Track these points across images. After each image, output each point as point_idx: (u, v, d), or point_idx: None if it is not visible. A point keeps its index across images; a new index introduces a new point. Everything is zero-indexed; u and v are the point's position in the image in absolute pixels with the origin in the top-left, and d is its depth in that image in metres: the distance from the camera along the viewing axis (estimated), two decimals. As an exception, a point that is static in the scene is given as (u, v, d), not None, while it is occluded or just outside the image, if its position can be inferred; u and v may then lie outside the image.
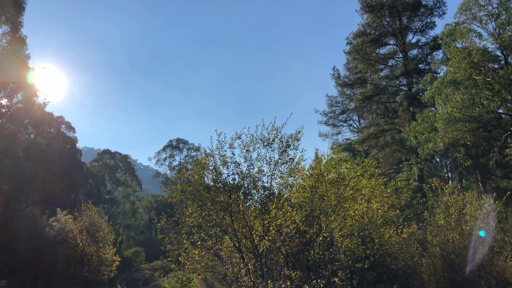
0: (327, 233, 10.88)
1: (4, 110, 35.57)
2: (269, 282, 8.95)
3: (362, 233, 12.65)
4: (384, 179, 18.54)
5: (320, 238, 10.77)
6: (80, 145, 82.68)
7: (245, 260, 14.45)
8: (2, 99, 35.69)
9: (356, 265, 11.35)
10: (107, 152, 78.66)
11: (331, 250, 10.45)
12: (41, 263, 26.97)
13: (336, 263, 10.01)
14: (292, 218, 11.45)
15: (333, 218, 11.49)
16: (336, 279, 9.36)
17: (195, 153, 79.46)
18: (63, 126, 67.67)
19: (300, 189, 12.67)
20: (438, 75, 33.23)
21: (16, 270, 26.97)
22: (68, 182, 59.13)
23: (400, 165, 42.55)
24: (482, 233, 12.72)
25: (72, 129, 68.75)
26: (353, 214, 11.89)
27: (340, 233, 11.47)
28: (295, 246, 12.11)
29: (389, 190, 16.81)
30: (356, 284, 10.12)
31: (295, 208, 12.29)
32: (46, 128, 39.63)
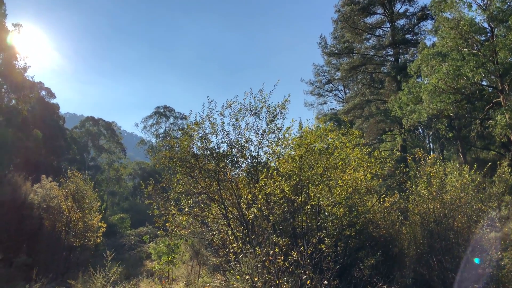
0: (315, 202, 11.12)
1: (-18, 74, 34.55)
2: (257, 248, 9.18)
3: (350, 202, 12.95)
4: (369, 149, 18.83)
5: (308, 207, 11.01)
6: (62, 111, 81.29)
7: (232, 227, 14.73)
8: (-20, 62, 34.60)
9: (342, 233, 11.68)
10: (90, 119, 77.55)
11: (319, 218, 10.71)
12: (25, 228, 26.95)
13: (323, 231, 10.28)
14: (281, 187, 11.63)
15: (320, 187, 11.71)
16: (323, 246, 9.63)
17: (181, 121, 78.97)
18: (44, 92, 66.33)
19: (289, 158, 12.81)
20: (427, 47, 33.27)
21: (0, 236, 26.94)
22: (51, 148, 58.50)
23: (384, 136, 43.15)
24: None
25: (52, 95, 67.43)
26: (340, 183, 12.12)
27: (327, 202, 11.73)
28: (283, 214, 12.37)
29: (373, 160, 17.07)
30: (340, 251, 10.44)
31: (284, 178, 12.46)
32: (27, 93, 38.66)
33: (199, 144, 16.53)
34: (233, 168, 16.76)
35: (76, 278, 16.12)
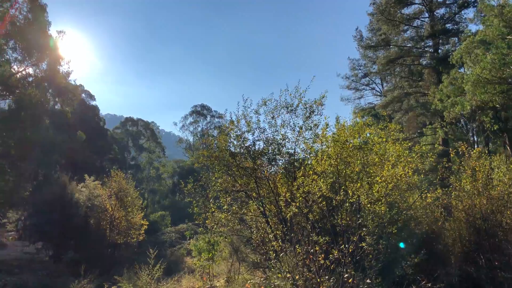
0: (354, 199, 10.95)
1: (30, 79, 36.23)
2: (297, 246, 9.16)
3: (390, 199, 12.66)
4: (409, 144, 18.32)
5: (347, 205, 10.86)
6: (102, 112, 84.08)
7: (270, 225, 14.78)
8: (28, 68, 36.30)
9: (384, 231, 11.44)
10: (130, 119, 79.82)
11: (358, 216, 10.55)
12: (72, 226, 28.18)
13: (364, 229, 10.12)
14: (319, 186, 11.53)
15: (359, 184, 11.51)
16: (364, 244, 9.49)
17: (218, 119, 79.90)
18: (84, 95, 68.86)
19: (325, 156, 12.66)
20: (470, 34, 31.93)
21: (49, 233, 28.28)
22: (93, 148, 60.66)
23: (424, 129, 41.84)
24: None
25: (92, 97, 69.92)
26: (379, 180, 11.86)
27: (367, 200, 11.52)
28: (322, 212, 12.27)
29: (413, 155, 16.61)
30: (382, 249, 10.23)
31: (321, 176, 12.34)
32: (71, 96, 40.25)
33: (235, 143, 16.69)
34: (270, 166, 16.79)
35: (121, 274, 16.68)
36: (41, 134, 37.78)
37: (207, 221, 16.34)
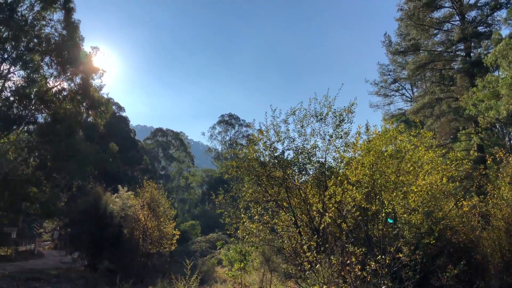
0: (390, 209, 10.74)
1: (65, 93, 37.50)
2: (332, 257, 9.06)
3: (427, 208, 12.35)
4: (443, 151, 17.88)
5: (383, 215, 10.66)
6: (133, 123, 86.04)
7: (302, 235, 14.67)
8: (63, 83, 37.60)
9: (421, 241, 11.16)
10: (159, 130, 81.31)
11: (395, 226, 10.33)
12: (106, 236, 28.81)
13: (401, 239, 9.90)
14: (352, 196, 11.37)
15: (394, 194, 11.29)
16: (401, 255, 9.29)
17: (245, 128, 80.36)
18: (115, 106, 70.68)
19: (359, 166, 12.48)
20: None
21: (84, 243, 29.01)
22: (124, 159, 62.09)
23: (458, 135, 40.70)
24: None
25: (122, 108, 71.73)
26: (415, 189, 11.58)
27: (402, 210, 11.27)
28: (356, 223, 12.09)
29: (448, 162, 16.18)
30: (419, 259, 9.97)
31: (355, 186, 12.17)
32: (103, 109, 41.38)
33: (265, 153, 16.70)
34: (300, 175, 16.71)
35: (155, 283, 16.90)
36: (75, 146, 38.98)
37: (238, 231, 16.37)
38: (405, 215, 11.22)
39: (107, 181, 41.81)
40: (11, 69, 33.67)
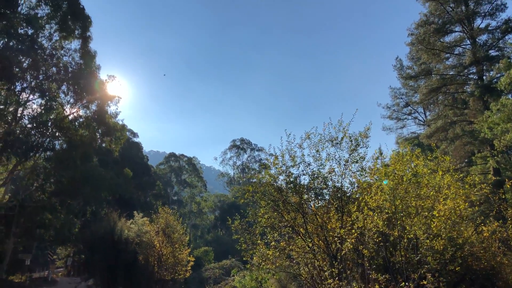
0: (412, 235, 10.59)
1: (81, 120, 38.18)
2: (354, 284, 8.93)
3: (450, 234, 12.16)
4: (461, 175, 17.68)
5: (405, 240, 10.50)
6: (146, 149, 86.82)
7: (320, 261, 14.48)
8: (79, 110, 38.33)
9: (446, 268, 10.94)
10: (172, 155, 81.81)
11: (418, 252, 10.16)
12: (121, 262, 28.73)
13: (425, 266, 9.73)
14: (374, 222, 11.25)
15: (416, 219, 11.15)
16: (425, 282, 9.12)
17: (258, 153, 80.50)
18: (129, 132, 71.54)
19: (378, 191, 12.38)
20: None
21: (98, 269, 28.97)
22: (138, 184, 62.39)
23: (473, 158, 40.23)
24: None
25: (135, 134, 72.59)
26: (437, 214, 11.43)
27: (424, 235, 11.10)
28: (378, 248, 11.93)
29: (467, 186, 15.99)
30: (443, 286, 9.76)
31: (375, 211, 12.06)
32: (118, 135, 41.96)
33: (281, 177, 16.71)
34: (317, 200, 16.63)
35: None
36: (90, 172, 39.40)
37: (254, 258, 16.23)
38: (427, 241, 11.03)
39: (121, 207, 41.95)
40: (29, 97, 34.51)
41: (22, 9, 33.35)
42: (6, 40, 31.38)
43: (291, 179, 16.30)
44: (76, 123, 38.48)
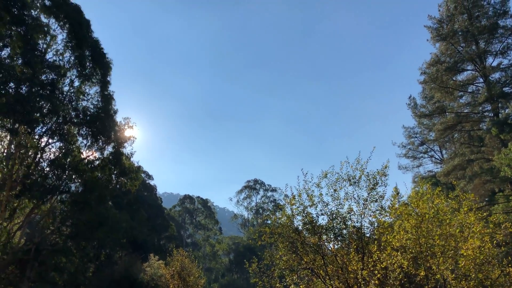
0: (438, 276, 10.19)
1: (97, 163, 38.59)
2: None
3: (480, 275, 11.66)
4: (484, 214, 17.18)
5: (432, 281, 10.10)
6: (160, 191, 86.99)
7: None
8: (96, 152, 38.84)
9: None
10: (187, 197, 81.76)
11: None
12: (135, 307, 28.17)
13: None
14: (399, 262, 10.88)
15: (442, 259, 10.76)
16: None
17: (271, 193, 79.97)
18: (143, 174, 71.98)
19: (401, 230, 12.07)
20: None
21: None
22: (152, 227, 61.98)
23: (496, 197, 39.28)
24: None
25: (150, 176, 72.98)
26: (465, 253, 11.02)
27: (452, 275, 10.66)
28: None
29: (491, 226, 15.51)
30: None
31: (399, 251, 11.70)
32: (133, 177, 42.21)
33: (298, 218, 16.45)
34: (336, 241, 16.25)
35: None
36: (105, 215, 39.34)
37: (274, 302, 15.74)
38: (454, 281, 10.57)
39: (135, 249, 41.50)
40: (48, 141, 35.19)
41: (48, 55, 34.71)
42: (29, 87, 32.48)
43: (309, 220, 16.03)
44: (92, 165, 38.89)
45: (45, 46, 33.23)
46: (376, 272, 11.53)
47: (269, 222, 17.23)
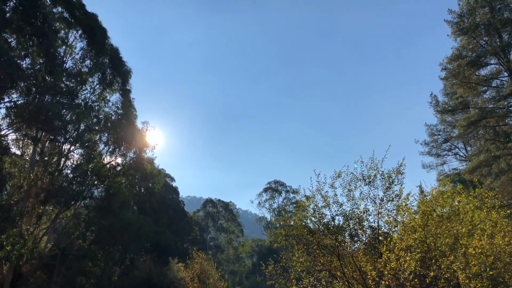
0: (449, 274, 9.87)
1: (119, 168, 39.26)
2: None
3: (492, 272, 11.21)
4: (508, 211, 16.61)
5: (442, 281, 9.78)
6: (183, 194, 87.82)
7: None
8: (118, 158, 39.51)
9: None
10: (209, 201, 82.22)
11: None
12: (157, 310, 28.44)
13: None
14: (408, 262, 10.60)
15: (452, 258, 10.42)
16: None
17: (293, 195, 79.57)
18: (167, 178, 72.76)
19: (408, 230, 11.77)
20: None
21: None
22: (175, 231, 62.54)
23: (523, 194, 37.98)
24: None
25: (173, 179, 73.67)
26: (473, 252, 10.63)
27: (464, 275, 10.30)
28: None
29: (514, 223, 14.96)
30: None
31: (408, 250, 11.40)
32: (155, 181, 42.76)
33: (313, 219, 16.25)
34: (352, 242, 16.00)
35: None
36: (129, 220, 39.94)
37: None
38: (467, 281, 10.20)
39: (158, 253, 41.93)
40: (71, 148, 35.99)
41: (67, 64, 35.62)
42: (51, 96, 33.36)
43: (324, 221, 15.84)
44: (115, 171, 39.56)
45: (64, 55, 34.06)
46: (386, 272, 11.26)
47: (291, 223, 17.12)
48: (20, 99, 29.92)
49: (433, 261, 10.53)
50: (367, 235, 15.33)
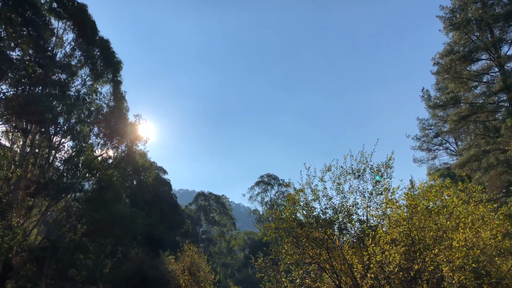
0: (433, 267, 10.00)
1: (110, 161, 39.11)
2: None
3: (475, 265, 11.36)
4: (495, 205, 16.84)
5: (426, 274, 9.92)
6: (175, 187, 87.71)
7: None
8: (109, 151, 39.33)
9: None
10: (201, 194, 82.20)
11: (442, 286, 9.56)
12: (148, 303, 28.53)
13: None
14: (392, 255, 10.73)
15: (436, 251, 10.56)
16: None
17: (285, 188, 79.85)
18: (159, 171, 72.57)
19: (393, 224, 11.91)
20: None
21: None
22: (167, 223, 62.51)
23: (511, 188, 38.42)
24: None
25: (165, 172, 73.52)
26: (457, 245, 10.78)
27: (447, 267, 10.44)
28: (400, 284, 11.31)
29: (501, 217, 15.17)
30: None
31: (393, 244, 11.54)
32: (147, 174, 42.68)
33: (303, 212, 16.34)
34: (341, 235, 16.12)
35: None
36: (121, 212, 39.87)
37: (279, 296, 15.73)
38: (450, 273, 10.36)
39: (150, 246, 41.95)
40: (62, 141, 35.75)
41: (58, 55, 35.27)
42: (42, 87, 33.05)
43: (313, 214, 15.94)
44: (106, 164, 39.41)
45: (55, 46, 33.72)
46: (372, 265, 11.39)
47: (283, 216, 17.16)
48: (10, 91, 29.64)
49: (418, 254, 10.67)
50: (355, 228, 15.46)
